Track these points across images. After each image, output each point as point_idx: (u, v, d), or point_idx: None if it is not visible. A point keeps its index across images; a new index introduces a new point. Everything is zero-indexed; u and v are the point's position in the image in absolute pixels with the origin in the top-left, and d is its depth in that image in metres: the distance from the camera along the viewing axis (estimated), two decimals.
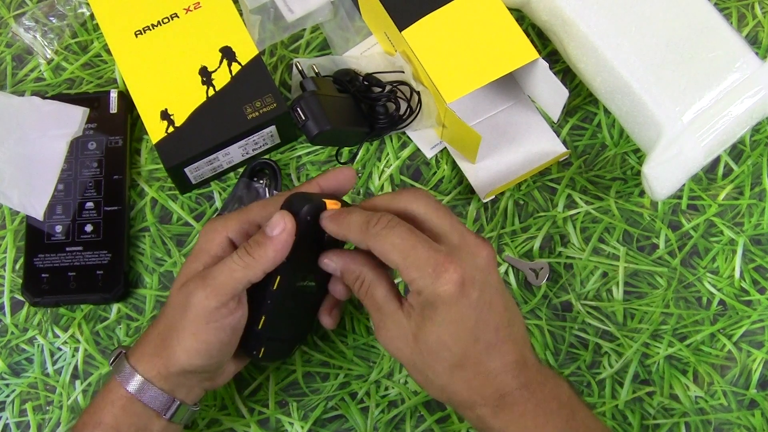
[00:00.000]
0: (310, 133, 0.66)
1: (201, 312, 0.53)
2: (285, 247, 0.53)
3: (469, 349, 0.51)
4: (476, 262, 0.51)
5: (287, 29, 0.75)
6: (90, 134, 0.71)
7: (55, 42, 0.75)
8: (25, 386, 0.67)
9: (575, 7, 0.67)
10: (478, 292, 0.50)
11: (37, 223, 0.68)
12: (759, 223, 0.70)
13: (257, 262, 0.53)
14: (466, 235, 0.52)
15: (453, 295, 0.50)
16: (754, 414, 0.66)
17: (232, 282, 0.53)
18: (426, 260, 0.50)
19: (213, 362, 0.55)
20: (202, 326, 0.53)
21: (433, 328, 0.51)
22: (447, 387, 0.52)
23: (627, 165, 0.72)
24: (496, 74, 0.66)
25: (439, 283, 0.49)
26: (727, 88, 0.64)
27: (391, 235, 0.51)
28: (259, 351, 0.57)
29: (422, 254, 0.50)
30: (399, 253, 0.50)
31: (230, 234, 0.55)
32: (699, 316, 0.68)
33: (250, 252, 0.53)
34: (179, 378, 0.55)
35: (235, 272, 0.53)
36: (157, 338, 0.55)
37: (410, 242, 0.50)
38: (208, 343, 0.53)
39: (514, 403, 0.51)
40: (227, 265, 0.53)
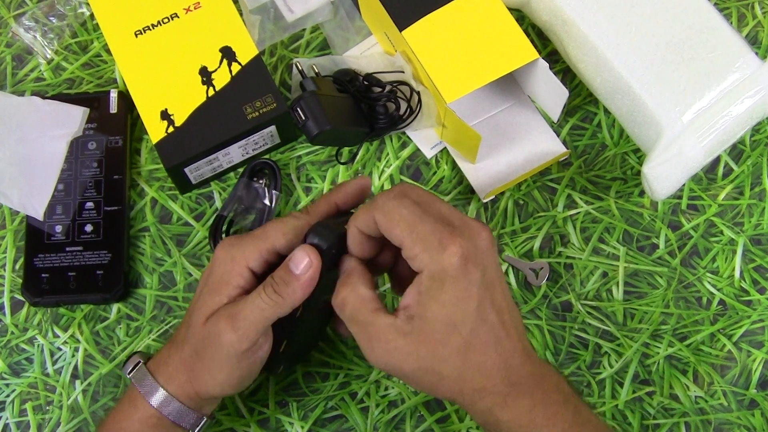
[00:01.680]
0: (310, 133, 0.66)
1: (233, 353, 0.53)
2: (312, 284, 0.53)
3: (478, 329, 0.50)
4: (477, 243, 0.50)
5: (287, 29, 0.75)
6: (90, 134, 0.71)
7: (55, 42, 0.75)
8: (25, 386, 0.67)
9: (575, 7, 0.67)
10: (480, 273, 0.49)
11: (37, 223, 0.68)
12: (759, 223, 0.70)
13: (285, 301, 0.53)
14: (465, 218, 0.51)
15: (459, 270, 0.49)
16: (754, 414, 0.66)
17: (262, 321, 0.53)
18: (432, 233, 0.49)
19: (242, 388, 0.57)
20: (234, 365, 0.54)
21: (442, 309, 0.49)
22: (460, 377, 0.50)
23: (627, 165, 0.72)
24: (496, 74, 0.66)
25: (446, 255, 0.48)
26: (727, 88, 0.64)
27: (399, 206, 0.50)
28: (279, 368, 0.59)
29: (428, 227, 0.49)
30: (406, 226, 0.49)
31: (251, 264, 0.55)
32: (699, 316, 0.68)
33: (277, 291, 0.53)
34: (208, 401, 0.57)
35: (264, 312, 0.53)
36: (185, 365, 0.56)
37: (417, 214, 0.49)
38: (241, 377, 0.55)
39: (523, 393, 0.50)
40: (256, 304, 0.53)
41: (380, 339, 0.50)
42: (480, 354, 0.50)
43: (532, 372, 0.51)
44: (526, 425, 0.50)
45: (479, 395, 0.50)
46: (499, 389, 0.50)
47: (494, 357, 0.50)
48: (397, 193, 0.51)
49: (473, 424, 0.66)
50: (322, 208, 0.57)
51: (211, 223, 0.70)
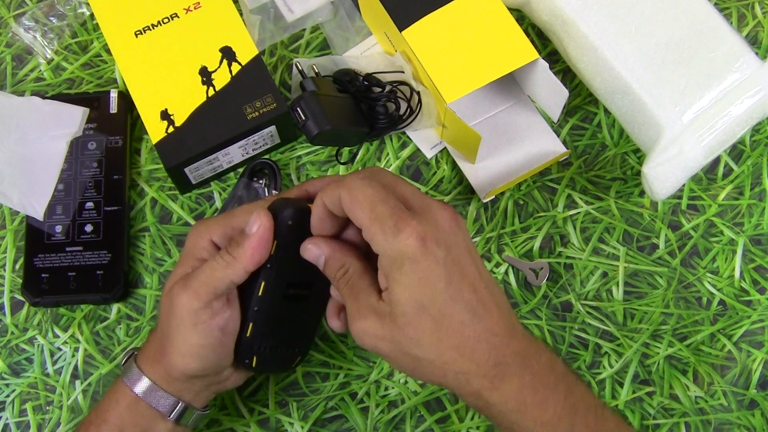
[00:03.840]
0: (310, 133, 0.66)
1: (186, 314, 0.53)
2: (262, 244, 0.52)
3: (448, 308, 0.48)
4: (439, 223, 0.49)
5: (287, 29, 0.75)
6: (90, 134, 0.71)
7: (55, 42, 0.75)
8: (25, 386, 0.67)
9: (575, 7, 0.67)
10: (444, 252, 0.48)
11: (37, 223, 0.68)
12: (759, 223, 0.70)
13: (236, 260, 0.52)
14: (427, 200, 0.51)
15: (416, 251, 0.47)
16: (754, 414, 0.66)
17: (213, 282, 0.52)
18: (389, 215, 0.48)
19: (209, 365, 0.55)
20: (189, 329, 0.53)
21: (405, 292, 0.48)
22: (437, 359, 0.48)
23: (627, 165, 0.72)
24: (496, 74, 0.66)
25: (401, 237, 0.47)
26: (727, 88, 0.64)
27: (365, 186, 0.49)
28: (251, 360, 0.56)
29: (387, 209, 0.48)
30: (368, 206, 0.49)
31: (214, 237, 0.55)
32: (699, 316, 0.68)
33: (230, 251, 0.53)
34: (184, 383, 0.55)
35: (216, 272, 0.53)
36: (156, 343, 0.55)
37: (380, 196, 0.49)
38: (199, 345, 0.53)
39: (510, 374, 0.48)
40: (208, 265, 0.53)
41: (359, 317, 0.50)
42: (455, 334, 0.48)
43: (519, 350, 0.49)
44: (516, 409, 0.48)
45: (465, 378, 0.49)
46: (483, 371, 0.48)
47: (472, 336, 0.48)
48: (366, 174, 0.51)
49: (473, 424, 0.66)
50: (293, 193, 0.57)
51: None
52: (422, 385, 0.66)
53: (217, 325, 0.53)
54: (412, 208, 0.50)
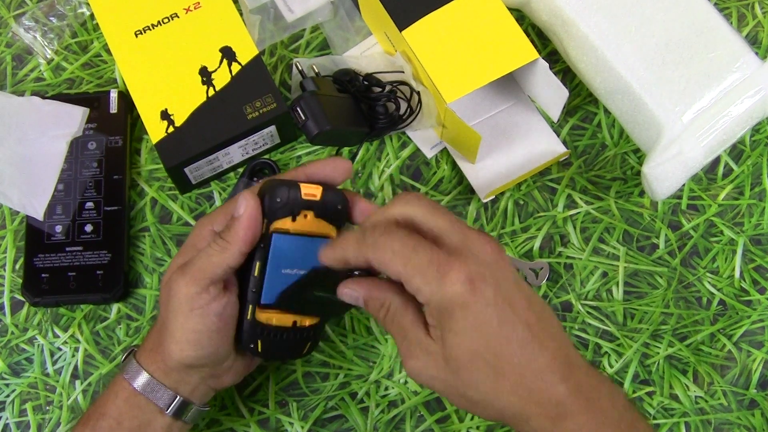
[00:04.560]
0: (310, 133, 0.66)
1: (183, 300, 0.53)
2: (251, 223, 0.53)
3: (504, 352, 0.46)
4: (482, 258, 0.47)
5: (287, 29, 0.75)
6: (90, 134, 0.71)
7: (55, 42, 0.75)
8: (25, 386, 0.67)
9: (575, 7, 0.67)
10: (493, 290, 0.46)
11: (37, 223, 0.68)
12: (759, 223, 0.70)
13: (229, 243, 0.53)
14: (467, 233, 0.48)
15: (465, 295, 0.46)
16: (754, 414, 0.66)
17: (210, 267, 0.53)
18: (428, 263, 0.46)
19: (206, 353, 0.54)
20: (186, 314, 0.53)
21: (457, 339, 0.46)
22: (495, 402, 0.47)
23: (627, 165, 0.72)
24: (496, 74, 0.66)
25: (446, 283, 0.46)
26: (727, 88, 0.64)
27: (390, 240, 0.48)
28: (257, 345, 0.56)
29: (423, 257, 0.46)
30: (400, 260, 0.47)
31: (215, 227, 0.56)
32: (699, 316, 0.68)
33: (222, 236, 0.53)
34: (180, 374, 0.55)
35: (211, 257, 0.53)
36: (155, 335, 0.56)
37: (410, 245, 0.47)
38: (196, 331, 0.53)
39: (571, 413, 0.46)
40: (204, 251, 0.53)
41: (411, 356, 0.48)
42: (512, 377, 0.46)
43: (579, 385, 0.47)
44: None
45: (523, 418, 0.47)
46: (543, 412, 0.46)
47: (529, 377, 0.46)
48: (385, 226, 0.49)
49: (473, 424, 0.66)
50: (289, 175, 0.56)
51: None
52: (422, 385, 0.66)
53: (214, 310, 0.53)
54: (450, 244, 0.48)
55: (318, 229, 0.55)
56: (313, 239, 0.55)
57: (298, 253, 0.55)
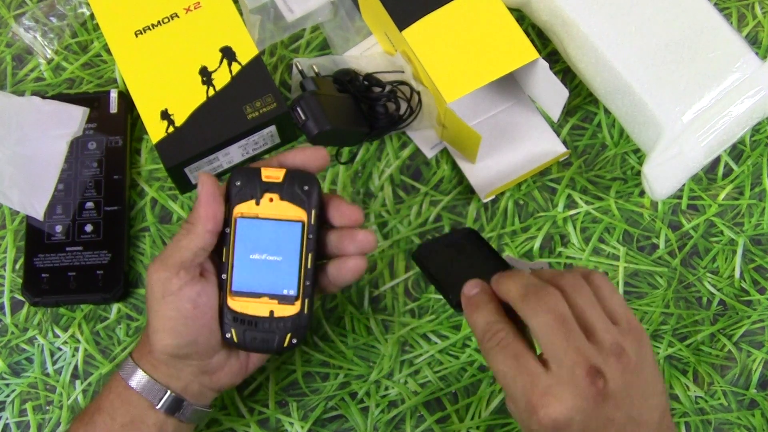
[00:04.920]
0: (310, 133, 0.66)
1: (155, 287, 0.53)
2: (209, 200, 0.54)
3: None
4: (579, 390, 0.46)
5: (287, 29, 0.75)
6: (90, 134, 0.71)
7: (55, 42, 0.75)
8: (25, 386, 0.67)
9: (575, 7, 0.67)
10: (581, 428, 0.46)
11: (37, 223, 0.68)
12: (759, 223, 0.70)
13: (192, 224, 0.54)
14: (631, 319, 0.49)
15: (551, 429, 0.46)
16: (754, 414, 0.66)
17: (177, 251, 0.53)
18: (522, 392, 0.47)
19: (184, 341, 0.54)
20: (159, 301, 0.53)
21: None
22: None
23: (627, 165, 0.72)
24: (496, 74, 0.66)
25: (532, 423, 0.46)
26: (727, 88, 0.64)
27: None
28: (232, 334, 0.55)
29: (519, 385, 0.47)
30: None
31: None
32: (699, 316, 0.68)
33: (188, 220, 0.54)
34: (169, 368, 0.55)
35: (180, 242, 0.54)
36: (145, 332, 0.56)
37: (512, 372, 0.48)
38: (171, 318, 0.53)
39: None
40: (174, 237, 0.54)
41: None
42: None
43: None
44: None
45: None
46: None
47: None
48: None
49: (473, 424, 0.66)
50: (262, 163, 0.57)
51: None
52: (422, 384, 0.66)
53: (187, 296, 0.53)
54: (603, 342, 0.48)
55: (285, 213, 0.55)
56: (282, 223, 0.55)
57: (266, 237, 0.55)
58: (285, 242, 0.55)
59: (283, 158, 0.57)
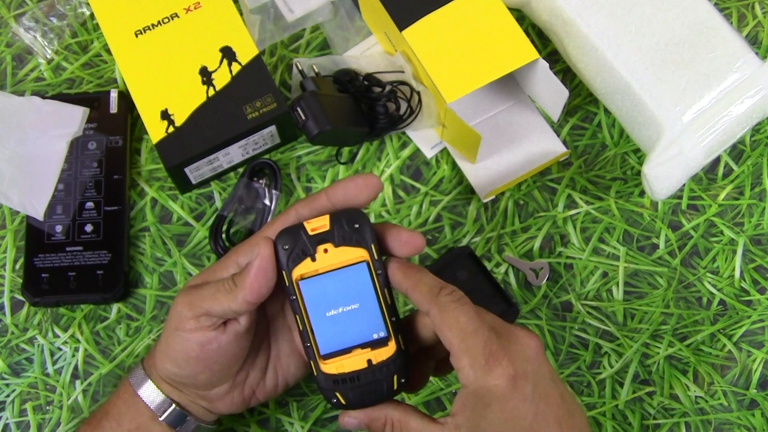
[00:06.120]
0: (310, 133, 0.66)
1: (173, 317, 0.52)
2: (262, 275, 0.50)
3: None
4: (526, 354, 0.49)
5: (287, 29, 0.75)
6: (90, 134, 0.71)
7: (55, 42, 0.75)
8: (25, 386, 0.67)
9: (575, 7, 0.67)
10: (532, 386, 0.48)
11: (37, 223, 0.68)
12: (759, 223, 0.70)
13: (237, 288, 0.50)
14: (511, 328, 0.50)
15: (505, 391, 0.47)
16: (754, 414, 0.66)
17: (211, 301, 0.51)
18: (482, 348, 0.48)
19: (183, 373, 0.54)
20: (170, 331, 0.52)
21: (488, 426, 0.48)
22: None
23: (627, 165, 0.72)
24: (496, 74, 0.66)
25: (491, 377, 0.47)
26: (727, 88, 0.64)
27: (460, 311, 0.49)
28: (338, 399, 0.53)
29: (480, 341, 0.48)
30: (459, 333, 0.48)
31: (241, 260, 0.53)
32: (699, 316, 0.68)
33: (235, 279, 0.51)
34: (170, 386, 0.55)
35: (218, 293, 0.51)
36: (157, 346, 0.56)
37: (474, 325, 0.48)
38: (176, 350, 0.53)
39: None
40: (216, 285, 0.51)
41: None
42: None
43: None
44: None
45: None
46: None
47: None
48: (460, 297, 0.50)
49: None
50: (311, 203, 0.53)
51: (211, 223, 0.70)
52: None
53: (197, 339, 0.52)
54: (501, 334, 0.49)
55: (345, 259, 0.51)
56: (345, 269, 0.51)
57: (335, 290, 0.51)
58: (356, 287, 0.51)
59: (332, 193, 0.52)
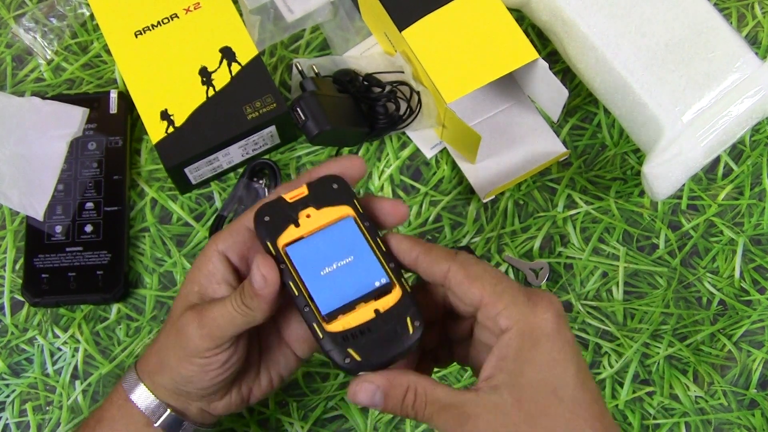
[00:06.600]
0: (310, 133, 0.66)
1: (193, 349, 0.50)
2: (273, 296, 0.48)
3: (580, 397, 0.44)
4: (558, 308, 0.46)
5: (287, 29, 0.75)
6: (90, 134, 0.71)
7: (55, 42, 0.75)
8: (25, 386, 0.67)
9: (575, 7, 0.67)
10: (571, 334, 0.45)
11: (37, 223, 0.68)
12: (759, 223, 0.70)
13: (254, 312, 0.49)
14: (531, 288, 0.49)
15: (554, 325, 0.44)
16: (754, 414, 0.66)
17: (232, 328, 0.49)
18: (517, 290, 0.45)
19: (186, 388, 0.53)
20: (189, 359, 0.51)
21: (535, 372, 0.44)
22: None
23: (627, 165, 0.72)
24: (496, 74, 0.66)
25: (539, 310, 0.44)
26: (727, 88, 0.64)
27: (482, 264, 0.47)
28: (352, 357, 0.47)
29: (513, 284, 0.46)
30: (490, 279, 0.45)
31: (221, 247, 0.51)
32: (699, 316, 0.68)
33: (245, 303, 0.49)
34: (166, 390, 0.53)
35: (235, 318, 0.49)
36: (156, 354, 0.53)
37: (499, 274, 0.46)
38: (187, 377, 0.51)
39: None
40: (227, 308, 0.49)
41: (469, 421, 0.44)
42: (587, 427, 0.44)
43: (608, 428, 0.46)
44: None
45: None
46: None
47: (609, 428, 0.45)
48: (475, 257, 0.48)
49: None
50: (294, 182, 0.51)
51: (211, 223, 0.70)
52: None
53: (219, 360, 0.51)
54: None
55: (329, 217, 0.50)
56: (332, 227, 0.50)
57: (325, 249, 0.49)
58: (347, 241, 0.49)
59: (315, 173, 0.51)
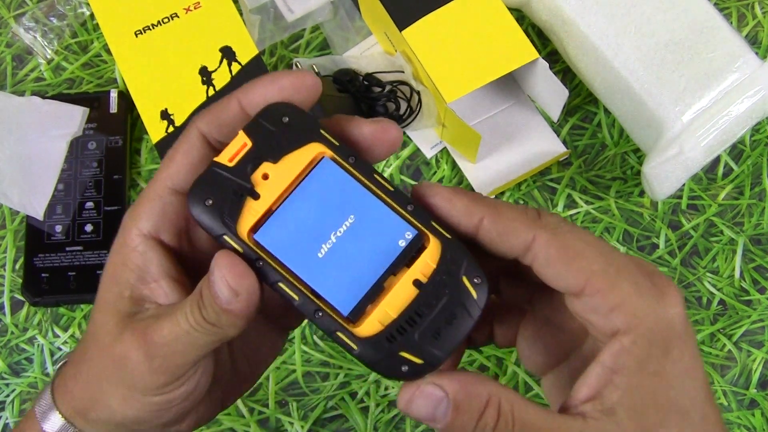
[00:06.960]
0: None
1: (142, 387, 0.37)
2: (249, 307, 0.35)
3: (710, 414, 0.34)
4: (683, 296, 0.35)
5: (287, 29, 0.75)
6: (90, 134, 0.71)
7: (55, 42, 0.75)
8: (25, 386, 0.67)
9: (575, 7, 0.67)
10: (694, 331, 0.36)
11: (37, 223, 0.69)
12: (759, 223, 0.70)
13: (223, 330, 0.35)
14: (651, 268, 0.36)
15: (685, 325, 0.33)
16: (754, 414, 0.66)
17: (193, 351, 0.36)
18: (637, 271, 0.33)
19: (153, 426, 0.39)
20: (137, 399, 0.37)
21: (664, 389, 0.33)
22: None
23: (627, 165, 0.72)
24: (496, 74, 0.66)
25: (668, 302, 0.33)
26: (727, 88, 0.64)
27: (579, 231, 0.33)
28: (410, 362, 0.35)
29: (631, 262, 0.33)
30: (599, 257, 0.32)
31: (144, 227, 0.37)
32: (699, 316, 0.68)
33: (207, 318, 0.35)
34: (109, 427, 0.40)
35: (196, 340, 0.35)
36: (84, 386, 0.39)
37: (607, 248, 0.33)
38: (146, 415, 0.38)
39: None
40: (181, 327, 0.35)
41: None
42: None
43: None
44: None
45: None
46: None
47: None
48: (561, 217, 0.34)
49: None
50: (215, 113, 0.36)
51: None
52: None
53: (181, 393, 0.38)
54: None
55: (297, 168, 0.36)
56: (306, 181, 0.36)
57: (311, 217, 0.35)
58: (335, 196, 0.35)
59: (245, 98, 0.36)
